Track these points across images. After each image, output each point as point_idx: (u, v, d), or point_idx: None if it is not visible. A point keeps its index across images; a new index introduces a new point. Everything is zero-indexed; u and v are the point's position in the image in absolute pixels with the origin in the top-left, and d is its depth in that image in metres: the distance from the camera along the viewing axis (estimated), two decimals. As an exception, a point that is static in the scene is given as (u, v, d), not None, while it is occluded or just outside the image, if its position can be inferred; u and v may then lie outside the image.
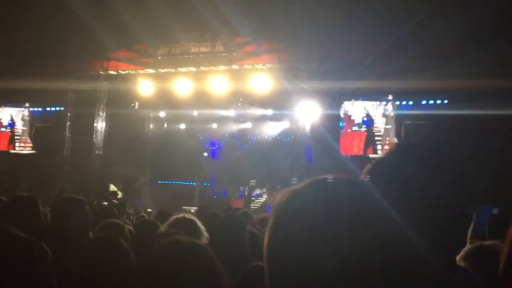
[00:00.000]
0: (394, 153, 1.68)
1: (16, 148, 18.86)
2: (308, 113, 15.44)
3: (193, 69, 16.38)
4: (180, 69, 16.56)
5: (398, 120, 15.20)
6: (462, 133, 12.80)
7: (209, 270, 1.79)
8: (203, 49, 15.99)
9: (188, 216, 4.05)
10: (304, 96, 15.02)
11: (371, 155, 14.36)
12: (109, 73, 17.42)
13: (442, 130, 13.19)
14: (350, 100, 14.98)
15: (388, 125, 15.40)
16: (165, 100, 18.16)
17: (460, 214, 1.30)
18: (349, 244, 1.07)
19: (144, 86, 16.99)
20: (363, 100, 14.97)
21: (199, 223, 3.89)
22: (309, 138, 15.59)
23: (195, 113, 21.28)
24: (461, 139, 12.61)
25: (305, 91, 14.74)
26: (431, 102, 14.47)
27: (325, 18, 12.29)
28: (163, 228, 3.79)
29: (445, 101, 14.10)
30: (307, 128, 15.89)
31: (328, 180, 1.22)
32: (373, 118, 15.37)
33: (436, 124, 13.80)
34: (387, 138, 15.26)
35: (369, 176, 1.62)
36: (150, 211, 12.82)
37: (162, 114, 21.95)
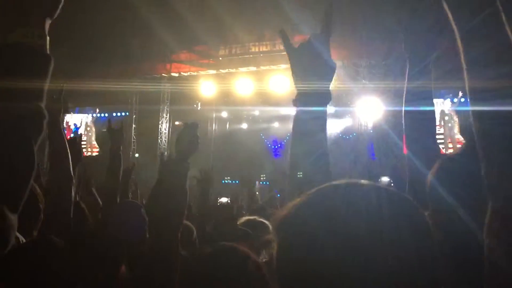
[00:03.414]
0: (464, 151, 1.62)
1: (84, 153, 19.50)
2: (370, 110, 15.26)
3: (253, 68, 16.45)
4: (240, 69, 16.66)
5: (463, 118, 14.81)
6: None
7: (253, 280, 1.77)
8: (263, 48, 16.03)
9: (261, 219, 4.02)
10: (366, 93, 14.84)
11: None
12: (171, 75, 17.72)
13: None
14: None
15: (449, 123, 15.05)
16: (227, 100, 18.33)
17: None
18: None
19: (206, 87, 17.17)
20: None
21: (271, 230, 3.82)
22: (372, 135, 15.40)
23: (257, 112, 21.36)
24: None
25: (367, 87, 14.57)
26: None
27: (388, 12, 12.09)
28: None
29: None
30: (370, 125, 15.70)
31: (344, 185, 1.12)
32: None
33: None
34: (455, 137, 14.92)
35: (438, 175, 1.57)
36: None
37: (224, 114, 22.13)
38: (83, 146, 19.64)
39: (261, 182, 21.48)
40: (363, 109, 15.61)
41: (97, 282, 2.45)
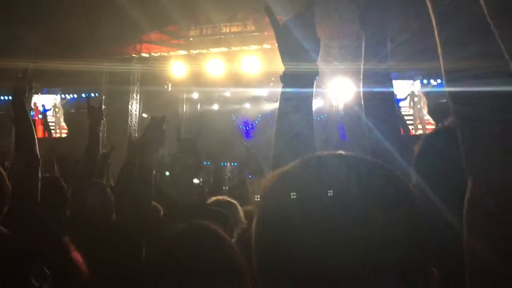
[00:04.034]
0: (437, 135, 1.63)
1: (53, 134, 19.23)
2: (341, 91, 15.32)
3: (224, 49, 16.35)
4: (212, 49, 16.55)
5: (431, 99, 14.99)
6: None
7: (226, 259, 1.77)
8: (234, 29, 15.93)
9: (230, 199, 4.01)
10: (337, 74, 14.89)
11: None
12: (141, 55, 17.54)
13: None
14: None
15: (418, 104, 15.22)
16: (198, 81, 18.22)
17: None
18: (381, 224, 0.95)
19: (177, 68, 17.03)
20: (396, 79, 14.80)
21: (240, 209, 3.83)
22: (343, 116, 15.49)
23: (228, 93, 21.29)
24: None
25: (338, 69, 14.61)
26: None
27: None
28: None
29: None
30: (341, 106, 15.78)
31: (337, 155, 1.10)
32: (402, 97, 15.21)
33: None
34: (425, 118, 15.09)
35: (417, 161, 1.58)
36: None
37: (195, 95, 22.01)
38: (51, 127, 19.37)
39: (231, 163, 21.50)
40: (334, 90, 15.67)
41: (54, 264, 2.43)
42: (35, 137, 3.33)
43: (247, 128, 23.47)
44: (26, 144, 3.30)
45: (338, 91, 15.56)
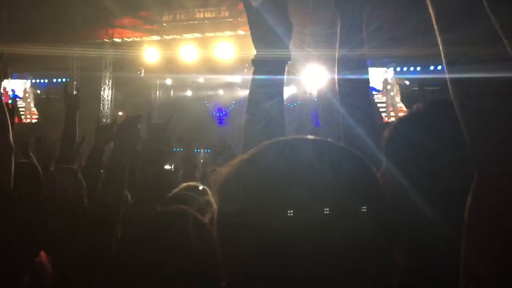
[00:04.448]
0: (406, 121, 1.63)
1: (23, 119, 18.95)
2: (315, 78, 15.34)
3: (198, 35, 16.24)
4: (185, 35, 16.43)
5: (404, 87, 15.12)
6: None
7: (201, 240, 1.77)
8: (208, 14, 15.82)
9: (200, 184, 4.00)
10: (310, 61, 14.90)
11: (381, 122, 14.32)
12: (114, 40, 17.32)
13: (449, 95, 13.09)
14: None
15: (391, 91, 15.34)
16: (171, 67, 18.09)
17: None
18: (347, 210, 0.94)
19: (150, 53, 16.87)
20: (369, 66, 14.88)
21: (211, 194, 3.82)
22: (316, 103, 15.53)
23: (202, 79, 21.19)
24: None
25: (312, 56, 14.62)
26: (440, 67, 14.33)
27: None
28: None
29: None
30: (314, 93, 15.82)
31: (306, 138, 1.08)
32: (376, 85, 15.32)
33: (444, 89, 13.69)
34: (397, 105, 15.22)
35: (386, 147, 1.58)
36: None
37: (168, 81, 21.85)
38: (21, 112, 19.08)
39: (204, 150, 21.44)
40: (308, 77, 15.70)
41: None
42: (9, 123, 3.27)
43: (221, 114, 23.41)
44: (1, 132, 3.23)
45: (311, 78, 15.58)
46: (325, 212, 0.93)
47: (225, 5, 15.43)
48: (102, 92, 18.30)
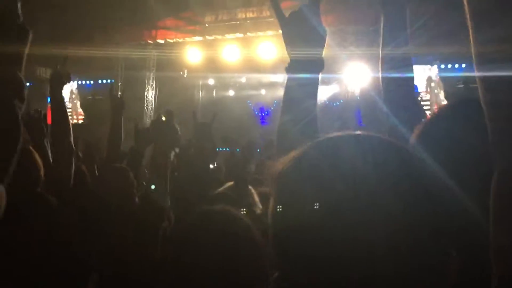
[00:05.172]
0: (443, 114, 1.61)
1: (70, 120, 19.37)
2: (357, 77, 15.23)
3: (240, 35, 16.30)
4: (227, 35, 16.50)
5: (448, 84, 14.85)
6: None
7: (246, 241, 1.78)
8: (249, 14, 15.86)
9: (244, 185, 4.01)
10: (353, 59, 14.79)
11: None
12: (157, 42, 17.53)
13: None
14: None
15: (436, 89, 15.08)
16: (213, 67, 18.19)
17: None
18: (397, 204, 0.95)
19: (192, 54, 17.02)
20: (413, 64, 14.67)
21: (254, 192, 3.84)
22: (359, 102, 15.41)
23: (244, 79, 21.25)
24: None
25: (354, 54, 14.51)
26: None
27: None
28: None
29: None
30: (357, 92, 15.70)
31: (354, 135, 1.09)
32: (420, 82, 15.09)
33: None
34: (442, 103, 14.96)
35: (419, 139, 1.56)
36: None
37: (210, 81, 21.99)
38: (68, 113, 19.49)
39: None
40: (350, 76, 15.58)
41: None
42: (70, 127, 3.38)
43: (263, 114, 23.42)
44: (63, 134, 3.34)
45: (354, 76, 15.47)
46: (378, 212, 0.94)
47: (267, 4, 15.42)
48: (145, 93, 18.56)
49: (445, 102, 15.32)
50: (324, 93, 21.27)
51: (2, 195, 1.51)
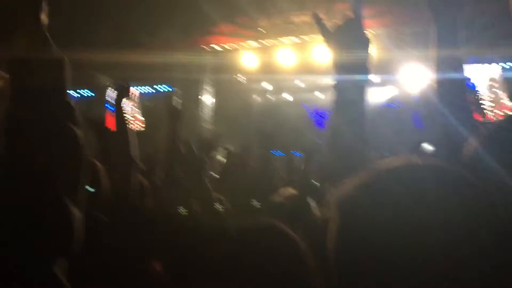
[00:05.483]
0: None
1: (132, 127, 19.79)
2: (415, 78, 14.97)
3: (295, 39, 16.28)
4: (282, 39, 16.52)
5: (511, 84, 14.41)
6: None
7: (295, 259, 1.76)
8: (304, 18, 15.82)
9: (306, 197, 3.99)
10: (410, 60, 14.55)
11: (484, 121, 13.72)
12: (213, 47, 17.73)
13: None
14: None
15: (498, 89, 14.65)
16: (269, 71, 18.24)
17: None
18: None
19: (248, 59, 17.13)
20: (474, 63, 14.31)
21: (312, 203, 3.83)
22: (417, 104, 15.14)
23: (300, 83, 21.21)
24: None
25: (412, 55, 14.28)
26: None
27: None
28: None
29: None
30: (415, 93, 15.42)
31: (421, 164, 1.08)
32: (480, 82, 14.68)
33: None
34: (503, 103, 14.53)
35: (484, 144, 1.53)
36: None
37: (266, 85, 22.05)
38: (129, 120, 19.93)
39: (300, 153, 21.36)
40: (408, 77, 15.33)
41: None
42: (131, 140, 3.48)
43: (319, 117, 23.31)
44: (124, 147, 3.45)
45: (412, 78, 15.20)
46: (449, 242, 0.94)
47: (321, 7, 15.35)
48: (202, 98, 18.77)
49: (505, 101, 14.88)
50: (381, 95, 21.00)
51: (77, 219, 1.56)
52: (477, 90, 14.71)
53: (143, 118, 20.16)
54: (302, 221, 3.34)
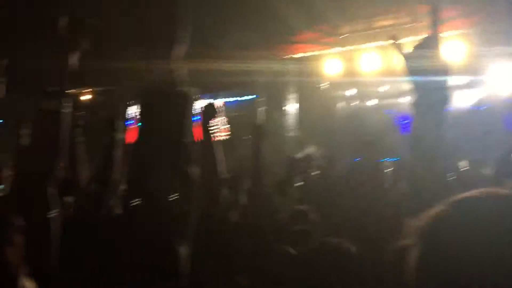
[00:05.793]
0: None
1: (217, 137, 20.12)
2: (506, 78, 14.42)
3: (378, 43, 16.09)
4: (365, 45, 16.37)
5: None
6: None
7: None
8: (387, 22, 15.61)
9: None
10: (501, 60, 14.04)
11: None
12: (295, 56, 17.79)
13: None
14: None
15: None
16: (352, 77, 18.11)
17: None
18: None
19: (330, 66, 17.08)
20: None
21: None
22: (508, 105, 14.57)
23: (384, 87, 20.89)
24: None
25: (503, 55, 13.77)
26: None
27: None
28: None
29: None
30: (505, 94, 14.85)
31: None
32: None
33: None
34: None
35: None
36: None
37: (350, 91, 21.84)
38: (216, 130, 20.25)
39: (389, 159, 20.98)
40: (497, 77, 14.78)
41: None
42: (217, 156, 3.63)
43: (404, 122, 22.82)
44: (211, 165, 3.59)
45: (502, 78, 14.64)
46: None
47: (404, 10, 15.10)
48: (286, 107, 18.86)
49: None
50: (468, 98, 20.26)
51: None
52: None
53: (228, 126, 20.49)
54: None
